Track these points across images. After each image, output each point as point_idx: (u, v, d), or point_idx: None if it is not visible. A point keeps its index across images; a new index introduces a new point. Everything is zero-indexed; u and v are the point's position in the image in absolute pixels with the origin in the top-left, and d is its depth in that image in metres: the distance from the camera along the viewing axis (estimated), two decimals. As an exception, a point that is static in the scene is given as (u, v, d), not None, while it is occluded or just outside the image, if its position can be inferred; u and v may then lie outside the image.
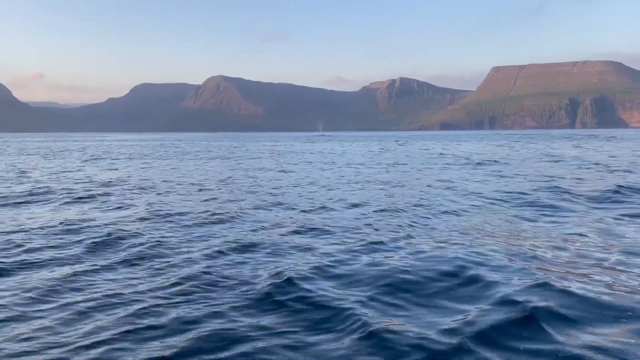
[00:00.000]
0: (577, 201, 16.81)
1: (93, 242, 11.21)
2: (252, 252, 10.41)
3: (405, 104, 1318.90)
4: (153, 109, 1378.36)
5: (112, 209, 16.62)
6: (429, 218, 14.28)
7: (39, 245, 10.96)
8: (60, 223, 13.59)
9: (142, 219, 14.33)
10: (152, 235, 11.94)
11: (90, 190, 21.84)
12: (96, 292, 7.85)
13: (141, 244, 11.01)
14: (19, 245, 10.87)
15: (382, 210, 15.45)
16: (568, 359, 5.60)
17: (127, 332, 6.41)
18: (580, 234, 11.66)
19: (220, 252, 10.30)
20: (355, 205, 16.67)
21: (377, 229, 12.61)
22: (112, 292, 7.86)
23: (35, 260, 9.77)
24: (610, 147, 61.24)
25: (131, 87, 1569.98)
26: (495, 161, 38.30)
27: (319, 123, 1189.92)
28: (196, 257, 9.86)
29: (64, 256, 10.13)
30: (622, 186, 19.40)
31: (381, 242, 10.95)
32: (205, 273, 8.75)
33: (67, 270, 9.07)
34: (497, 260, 9.26)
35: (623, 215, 14.16)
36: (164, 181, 25.87)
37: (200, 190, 21.99)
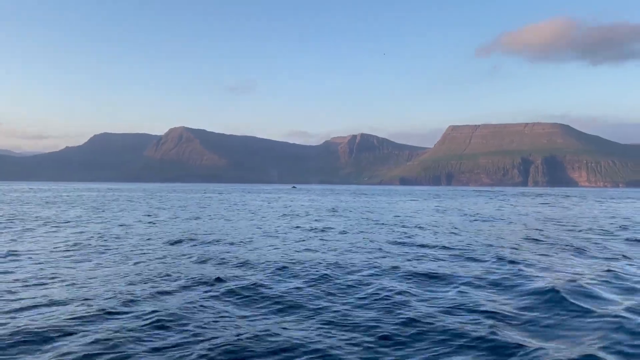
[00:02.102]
0: None
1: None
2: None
3: (366, 159, 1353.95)
4: (112, 159, 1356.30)
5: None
6: None
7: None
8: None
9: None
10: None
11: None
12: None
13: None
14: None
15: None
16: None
17: None
18: None
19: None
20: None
21: None
22: None
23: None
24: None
25: (90, 136, 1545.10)
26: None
27: (279, 175, 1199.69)
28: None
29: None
30: None
31: None
32: None
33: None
34: None
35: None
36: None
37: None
